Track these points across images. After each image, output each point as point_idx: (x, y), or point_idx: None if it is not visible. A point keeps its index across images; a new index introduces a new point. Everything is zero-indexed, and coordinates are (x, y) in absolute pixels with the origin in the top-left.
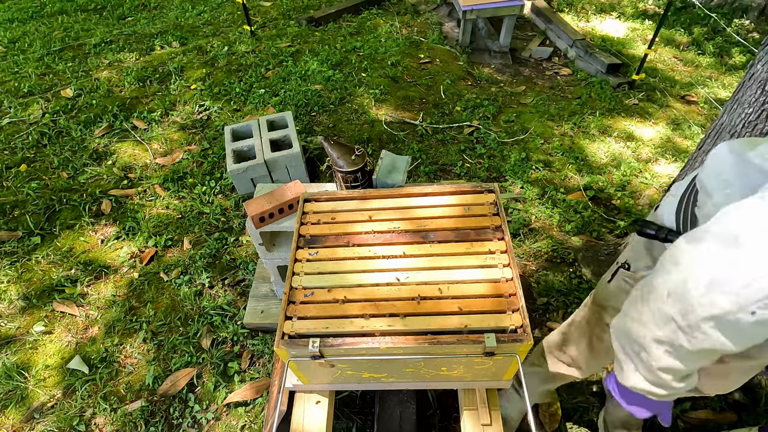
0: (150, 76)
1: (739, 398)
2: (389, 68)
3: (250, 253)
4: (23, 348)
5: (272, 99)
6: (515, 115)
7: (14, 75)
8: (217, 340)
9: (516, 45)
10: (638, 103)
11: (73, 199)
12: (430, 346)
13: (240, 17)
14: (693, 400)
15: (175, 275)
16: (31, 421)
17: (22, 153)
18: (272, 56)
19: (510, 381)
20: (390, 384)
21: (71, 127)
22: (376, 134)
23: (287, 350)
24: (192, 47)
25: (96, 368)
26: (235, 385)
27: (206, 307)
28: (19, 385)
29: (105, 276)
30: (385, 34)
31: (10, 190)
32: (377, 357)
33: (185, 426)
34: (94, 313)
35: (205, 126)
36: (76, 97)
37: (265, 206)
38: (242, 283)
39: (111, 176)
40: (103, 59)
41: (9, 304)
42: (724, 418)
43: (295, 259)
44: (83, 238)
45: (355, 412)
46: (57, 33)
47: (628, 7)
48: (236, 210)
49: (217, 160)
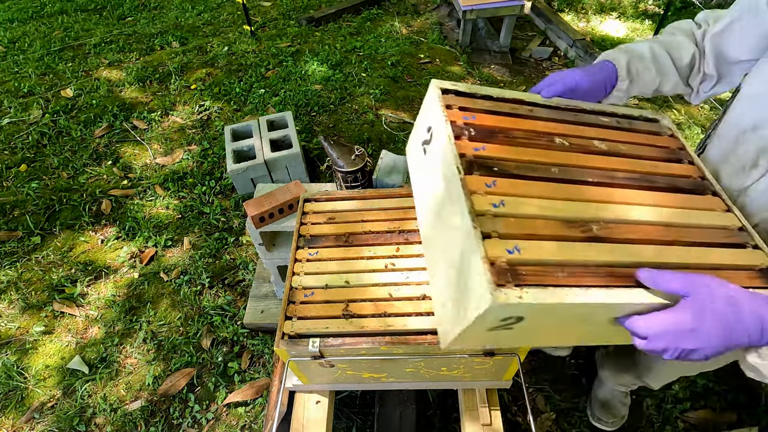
0: (150, 76)
1: (739, 398)
2: (389, 68)
3: (250, 253)
4: (23, 348)
5: (272, 99)
6: None
7: (14, 75)
8: (217, 340)
9: (516, 45)
10: (638, 103)
11: (73, 199)
12: (430, 346)
13: (240, 17)
14: (693, 399)
15: (175, 275)
16: (31, 421)
17: (22, 153)
18: (272, 56)
19: (510, 381)
20: (390, 384)
21: (71, 127)
22: (376, 134)
23: (287, 350)
24: (192, 47)
25: (96, 368)
26: (235, 385)
27: (206, 307)
28: (19, 385)
29: (105, 276)
30: (385, 34)
31: (10, 190)
32: (377, 357)
33: (185, 426)
34: (94, 313)
35: (205, 126)
36: (76, 97)
37: (265, 206)
38: (242, 283)
39: (111, 176)
40: (103, 59)
41: (9, 304)
42: (724, 418)
43: (295, 259)
44: (83, 238)
45: (355, 412)
46: (57, 33)
47: (629, 7)
48: (236, 210)
49: (217, 160)
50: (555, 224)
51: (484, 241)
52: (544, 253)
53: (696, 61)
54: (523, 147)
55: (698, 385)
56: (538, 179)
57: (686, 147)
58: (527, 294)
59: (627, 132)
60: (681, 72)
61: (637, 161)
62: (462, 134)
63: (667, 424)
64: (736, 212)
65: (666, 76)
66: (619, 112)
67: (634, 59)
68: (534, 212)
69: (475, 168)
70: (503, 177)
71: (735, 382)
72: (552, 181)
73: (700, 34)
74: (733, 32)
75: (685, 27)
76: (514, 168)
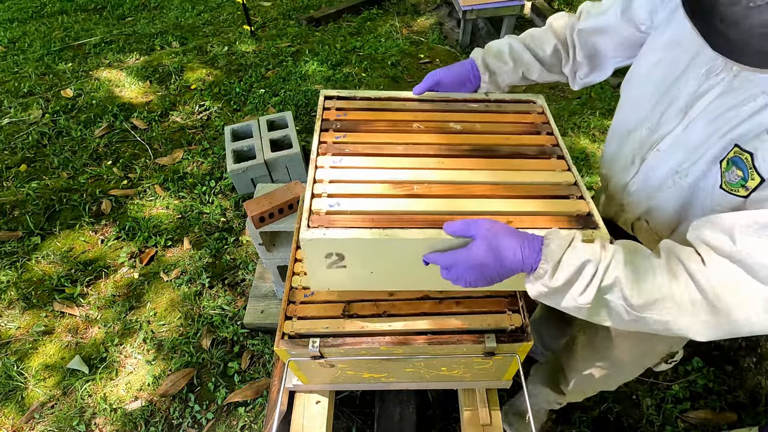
0: (150, 76)
1: (739, 398)
2: (389, 68)
3: (250, 253)
4: (23, 348)
5: (272, 99)
6: None
7: (14, 75)
8: (217, 340)
9: None
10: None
11: (73, 199)
12: (430, 346)
13: (240, 17)
14: (693, 399)
15: (175, 275)
16: (31, 421)
17: (22, 153)
18: (272, 56)
19: (510, 381)
20: (390, 384)
21: (71, 127)
22: None
23: (287, 350)
24: (192, 47)
25: (96, 368)
26: (235, 385)
27: (206, 307)
28: (19, 385)
29: (105, 276)
30: (385, 34)
31: (10, 190)
32: (377, 357)
33: (185, 426)
34: (94, 313)
35: (205, 126)
36: (76, 97)
37: (265, 206)
38: (242, 283)
39: (111, 176)
40: (103, 59)
41: (9, 304)
42: (724, 418)
43: (295, 258)
44: (83, 238)
45: (355, 412)
46: (57, 33)
47: None
48: (236, 210)
49: (217, 160)
50: (382, 186)
51: (313, 199)
52: (359, 206)
53: (561, 52)
54: (379, 133)
55: (698, 385)
56: (381, 155)
57: (550, 121)
58: (329, 232)
59: (494, 113)
60: (545, 62)
61: (489, 136)
62: (330, 128)
63: (667, 424)
64: (573, 171)
65: (528, 67)
66: (492, 98)
67: (488, 56)
68: (364, 178)
69: (329, 150)
70: (349, 156)
71: (735, 382)
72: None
73: (570, 26)
74: (600, 32)
75: (558, 22)
76: (362, 148)
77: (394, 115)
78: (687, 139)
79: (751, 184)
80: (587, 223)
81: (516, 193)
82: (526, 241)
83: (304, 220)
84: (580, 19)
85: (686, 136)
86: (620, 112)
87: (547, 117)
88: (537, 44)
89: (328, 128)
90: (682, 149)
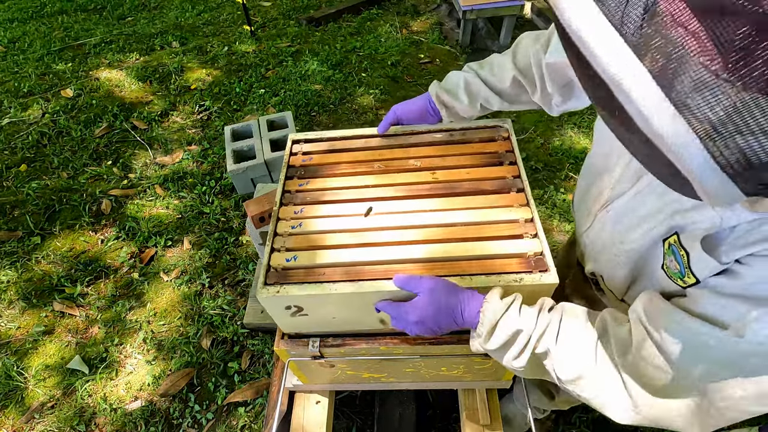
0: (150, 76)
1: None
2: (389, 68)
3: (250, 253)
4: (23, 348)
5: (272, 99)
6: (515, 114)
7: (14, 75)
8: (217, 340)
9: None
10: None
11: (73, 199)
12: (430, 346)
13: (240, 17)
14: None
15: (175, 275)
16: (31, 421)
17: (22, 153)
18: (272, 56)
19: (510, 381)
20: (390, 384)
21: (71, 127)
22: None
23: (287, 350)
24: (192, 47)
25: (96, 368)
26: (235, 385)
27: (206, 307)
28: (19, 385)
29: (105, 276)
30: (385, 34)
31: (10, 190)
32: (377, 357)
33: (185, 426)
34: (94, 313)
35: (205, 126)
36: (76, 97)
37: (265, 206)
38: (242, 283)
39: (111, 176)
40: (103, 59)
41: (9, 304)
42: None
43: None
44: (83, 238)
45: (355, 412)
46: (57, 33)
47: None
48: (236, 210)
49: (217, 160)
50: (339, 236)
51: (272, 254)
52: (316, 259)
53: (523, 82)
54: (340, 177)
55: None
56: (339, 202)
57: (514, 149)
58: (283, 289)
59: (458, 144)
60: (503, 95)
61: (449, 171)
62: (294, 175)
63: None
64: (531, 206)
65: (487, 100)
66: (456, 127)
67: (442, 91)
68: (322, 227)
69: (292, 200)
70: (310, 204)
71: None
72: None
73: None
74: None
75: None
76: (322, 195)
77: (357, 155)
78: (636, 207)
79: (687, 281)
80: (538, 264)
81: (471, 236)
82: (465, 301)
83: (261, 276)
84: (547, 50)
85: (635, 204)
86: (593, 149)
87: (512, 144)
88: (497, 76)
89: (293, 175)
90: (628, 217)
